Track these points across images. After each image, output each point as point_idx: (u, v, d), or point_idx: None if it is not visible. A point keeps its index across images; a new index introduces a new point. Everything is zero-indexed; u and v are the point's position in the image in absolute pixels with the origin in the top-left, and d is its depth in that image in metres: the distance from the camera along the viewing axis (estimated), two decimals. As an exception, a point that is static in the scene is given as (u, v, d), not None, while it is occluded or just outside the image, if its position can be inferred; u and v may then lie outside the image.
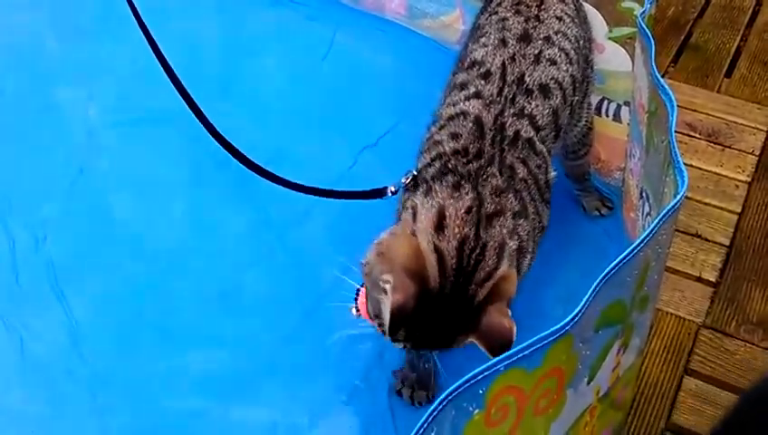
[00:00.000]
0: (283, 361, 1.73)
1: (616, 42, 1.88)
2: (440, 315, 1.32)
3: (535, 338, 0.98)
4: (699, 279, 1.98)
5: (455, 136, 1.48)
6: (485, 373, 0.95)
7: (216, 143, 1.96)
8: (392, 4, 2.57)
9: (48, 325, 1.78)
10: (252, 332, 1.77)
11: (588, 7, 1.83)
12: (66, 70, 2.37)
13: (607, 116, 1.99)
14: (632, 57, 1.77)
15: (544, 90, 1.55)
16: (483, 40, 1.62)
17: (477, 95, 1.53)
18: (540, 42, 1.60)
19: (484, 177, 1.41)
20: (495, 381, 0.96)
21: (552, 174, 1.55)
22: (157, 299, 1.83)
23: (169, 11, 2.59)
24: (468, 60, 1.61)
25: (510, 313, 1.30)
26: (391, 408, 1.66)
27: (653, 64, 1.41)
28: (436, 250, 1.32)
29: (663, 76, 1.38)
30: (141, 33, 1.99)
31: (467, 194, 1.38)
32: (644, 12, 1.50)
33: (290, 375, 1.71)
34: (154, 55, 2.00)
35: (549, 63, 1.58)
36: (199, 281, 1.87)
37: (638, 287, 1.21)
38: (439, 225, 1.34)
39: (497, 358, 0.95)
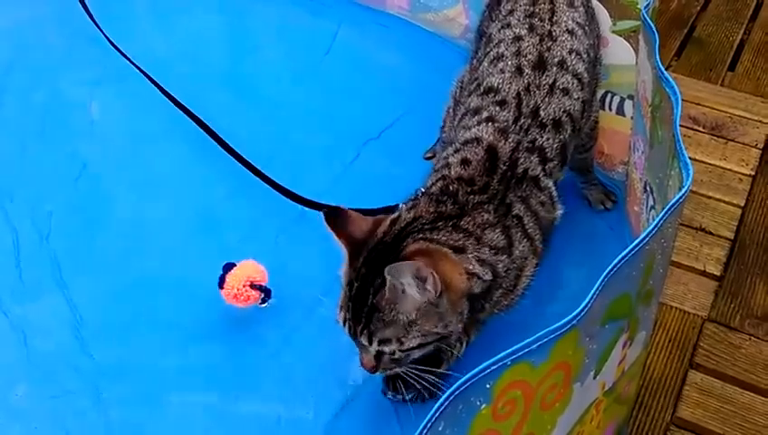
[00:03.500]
0: (287, 355, 1.72)
1: (620, 35, 1.87)
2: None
3: (542, 333, 0.98)
4: (704, 273, 1.98)
5: (464, 162, 1.49)
6: (492, 368, 0.95)
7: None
8: (395, -2, 2.57)
9: (52, 320, 1.77)
10: (256, 327, 1.77)
11: (592, 1, 1.82)
12: (70, 65, 2.37)
13: (610, 110, 1.98)
14: (636, 50, 1.77)
15: (557, 124, 1.56)
16: (501, 65, 1.62)
17: (490, 120, 1.54)
18: (554, 69, 1.60)
19: (479, 211, 1.42)
20: (502, 375, 0.96)
21: (559, 212, 1.55)
22: (161, 294, 1.83)
23: (173, 6, 2.60)
24: (484, 85, 1.61)
25: (428, 273, 1.29)
26: (395, 404, 1.66)
27: (657, 57, 1.41)
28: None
29: (666, 70, 1.37)
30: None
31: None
32: (648, 5, 1.50)
33: (294, 370, 1.70)
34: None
35: (562, 94, 1.59)
36: (204, 276, 1.86)
37: (643, 281, 1.21)
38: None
39: (504, 352, 0.96)
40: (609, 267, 1.06)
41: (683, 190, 1.16)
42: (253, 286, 1.72)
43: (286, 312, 1.79)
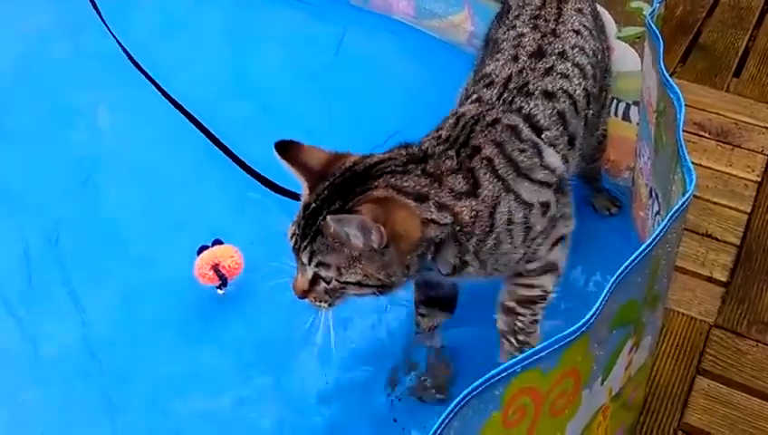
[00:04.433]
0: (292, 359, 1.73)
1: (625, 41, 1.88)
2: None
3: (552, 340, 0.99)
4: (710, 279, 1.98)
5: (438, 129, 1.50)
6: (502, 374, 0.95)
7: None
8: (400, 4, 2.57)
9: (61, 325, 1.79)
10: (261, 332, 1.78)
11: (597, 7, 1.83)
12: (76, 74, 2.38)
13: (616, 116, 1.98)
14: (641, 57, 1.77)
15: (548, 94, 1.54)
16: (498, 55, 1.62)
17: (478, 100, 1.55)
18: (553, 57, 1.59)
19: (442, 158, 1.41)
20: (512, 382, 0.97)
21: (557, 163, 1.50)
22: (169, 300, 1.84)
23: (179, 10, 2.61)
24: (479, 74, 1.62)
25: (373, 226, 1.28)
26: (396, 409, 1.67)
27: (662, 64, 1.41)
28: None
29: (671, 76, 1.38)
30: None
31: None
32: (653, 11, 1.50)
33: (298, 373, 1.71)
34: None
35: (560, 77, 1.57)
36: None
37: (649, 287, 1.21)
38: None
39: (514, 359, 0.96)
40: (617, 274, 1.06)
41: (686, 196, 1.16)
42: (216, 270, 1.77)
43: (291, 318, 1.80)
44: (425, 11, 2.52)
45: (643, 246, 1.10)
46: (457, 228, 1.38)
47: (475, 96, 1.56)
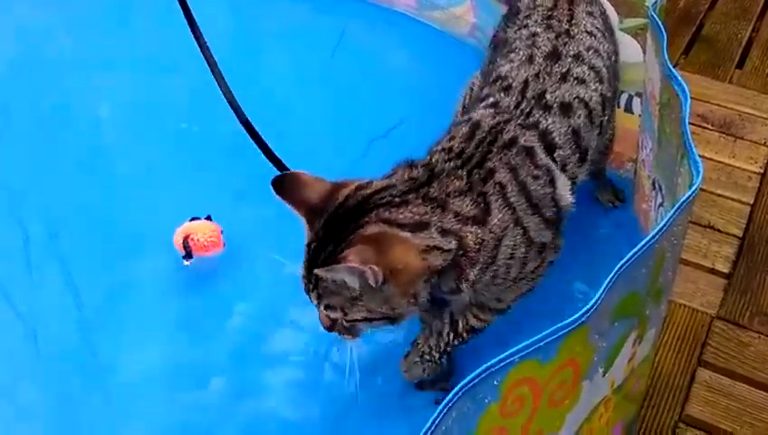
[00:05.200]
0: (293, 353, 1.73)
1: (627, 33, 1.87)
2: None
3: (550, 330, 0.98)
4: (712, 271, 1.98)
5: (451, 138, 1.45)
6: (500, 365, 0.95)
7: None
8: (402, -5, 2.57)
9: (61, 320, 1.78)
10: (261, 324, 1.78)
11: (604, 6, 1.82)
12: (79, 66, 2.38)
13: (619, 107, 1.97)
14: (644, 48, 1.76)
15: (565, 108, 1.50)
16: (512, 56, 1.59)
17: (494, 105, 1.50)
18: (569, 59, 1.56)
19: (451, 177, 1.37)
20: (510, 372, 0.96)
21: (567, 196, 1.46)
22: (169, 294, 1.84)
23: (177, 4, 2.60)
24: (494, 75, 1.58)
25: (366, 269, 1.25)
26: (404, 400, 1.66)
27: (665, 55, 1.40)
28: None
29: (674, 67, 1.37)
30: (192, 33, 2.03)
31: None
32: (655, 3, 1.49)
33: (300, 368, 1.71)
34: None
35: (576, 82, 1.53)
36: (214, 274, 1.87)
37: (653, 279, 1.20)
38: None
39: (512, 349, 0.95)
40: (618, 265, 1.06)
41: (693, 188, 1.15)
42: (185, 241, 1.81)
43: (290, 311, 1.80)
44: (427, 2, 2.51)
45: (647, 238, 1.09)
46: (460, 253, 1.34)
47: (491, 99, 1.52)
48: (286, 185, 1.37)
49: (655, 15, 1.48)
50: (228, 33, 2.55)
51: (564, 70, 1.54)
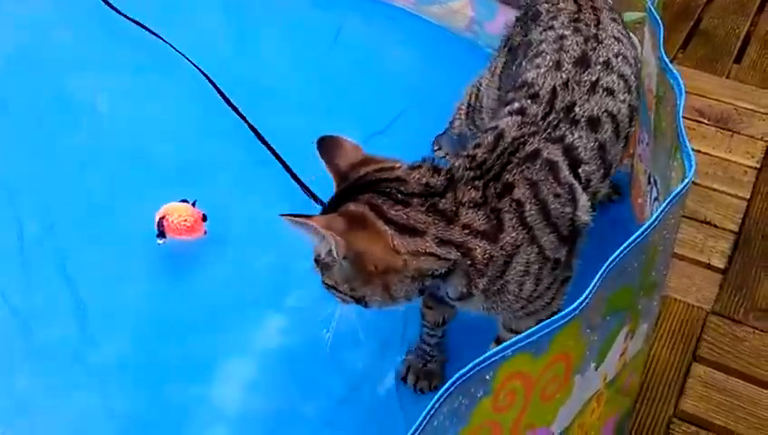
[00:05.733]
0: (289, 349, 1.73)
1: (626, 27, 1.87)
2: None
3: (542, 324, 0.99)
4: (708, 266, 1.98)
5: (476, 145, 1.42)
6: (492, 359, 0.95)
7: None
8: (400, -10, 2.56)
9: (56, 312, 1.78)
10: (257, 320, 1.78)
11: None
12: (75, 61, 2.38)
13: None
14: (642, 42, 1.76)
15: (593, 123, 1.44)
16: (538, 60, 1.53)
17: (521, 112, 1.45)
18: (598, 67, 1.50)
19: (468, 187, 1.34)
20: (502, 366, 0.96)
21: (586, 217, 1.40)
22: (165, 285, 1.84)
23: (177, 1, 2.60)
24: (520, 80, 1.52)
25: (328, 235, 1.26)
26: (398, 395, 1.67)
27: (661, 49, 1.41)
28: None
29: (672, 62, 1.37)
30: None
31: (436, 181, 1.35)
32: (654, -3, 1.50)
33: (295, 363, 1.71)
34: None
35: (606, 93, 1.48)
36: (208, 268, 1.88)
37: (645, 273, 1.21)
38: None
39: (505, 344, 0.96)
40: (610, 260, 1.06)
41: (685, 181, 1.16)
42: (159, 222, 1.85)
43: (289, 306, 1.80)
44: (424, -3, 2.52)
45: (638, 232, 1.10)
46: (468, 263, 1.31)
47: (516, 105, 1.46)
48: (326, 146, 1.42)
49: (653, 9, 1.48)
50: (225, 28, 2.55)
51: (594, 78, 1.48)
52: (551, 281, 1.40)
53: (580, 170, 1.41)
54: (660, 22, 1.44)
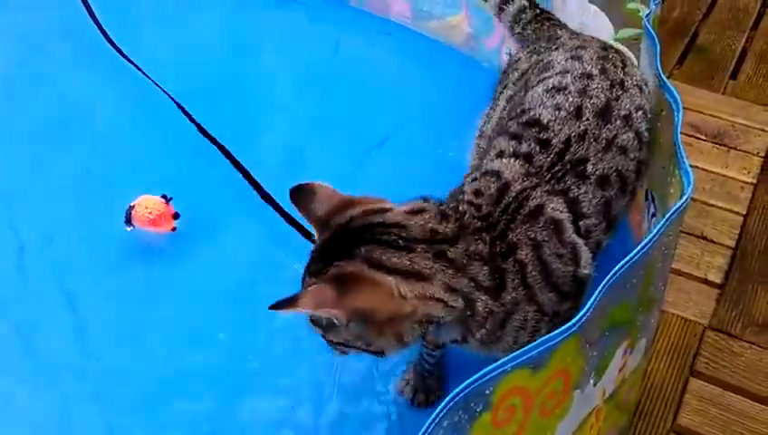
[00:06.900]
0: (289, 360, 1.73)
1: (622, 43, 1.88)
2: None
3: (541, 339, 0.99)
4: (705, 281, 1.98)
5: (477, 193, 1.36)
6: (492, 374, 0.96)
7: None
8: (397, 5, 2.57)
9: (55, 325, 1.78)
10: (258, 332, 1.78)
11: (594, 8, 1.83)
12: (75, 70, 2.39)
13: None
14: (638, 58, 1.77)
15: (602, 181, 1.39)
16: (558, 98, 1.46)
17: (527, 159, 1.39)
18: (618, 122, 1.44)
19: (476, 237, 1.30)
20: (502, 381, 0.97)
21: (587, 271, 1.36)
22: (164, 298, 1.84)
23: (173, 12, 2.61)
24: (529, 114, 1.46)
25: (324, 312, 1.22)
26: (397, 409, 1.67)
27: (658, 65, 1.41)
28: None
29: (668, 78, 1.37)
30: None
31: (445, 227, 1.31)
32: (649, 13, 1.51)
33: (295, 374, 1.71)
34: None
35: (619, 152, 1.42)
36: (208, 280, 1.88)
37: (644, 289, 1.21)
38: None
39: (504, 359, 0.96)
40: (609, 275, 1.06)
41: (684, 198, 1.16)
42: (128, 210, 1.91)
43: (288, 318, 1.80)
44: (422, 12, 2.52)
45: (637, 249, 1.10)
46: (468, 314, 1.28)
47: (523, 148, 1.40)
48: (300, 194, 1.35)
49: (649, 26, 1.49)
50: (223, 43, 2.56)
51: (612, 136, 1.42)
52: (548, 330, 1.32)
53: (581, 223, 1.37)
54: (657, 38, 1.45)
